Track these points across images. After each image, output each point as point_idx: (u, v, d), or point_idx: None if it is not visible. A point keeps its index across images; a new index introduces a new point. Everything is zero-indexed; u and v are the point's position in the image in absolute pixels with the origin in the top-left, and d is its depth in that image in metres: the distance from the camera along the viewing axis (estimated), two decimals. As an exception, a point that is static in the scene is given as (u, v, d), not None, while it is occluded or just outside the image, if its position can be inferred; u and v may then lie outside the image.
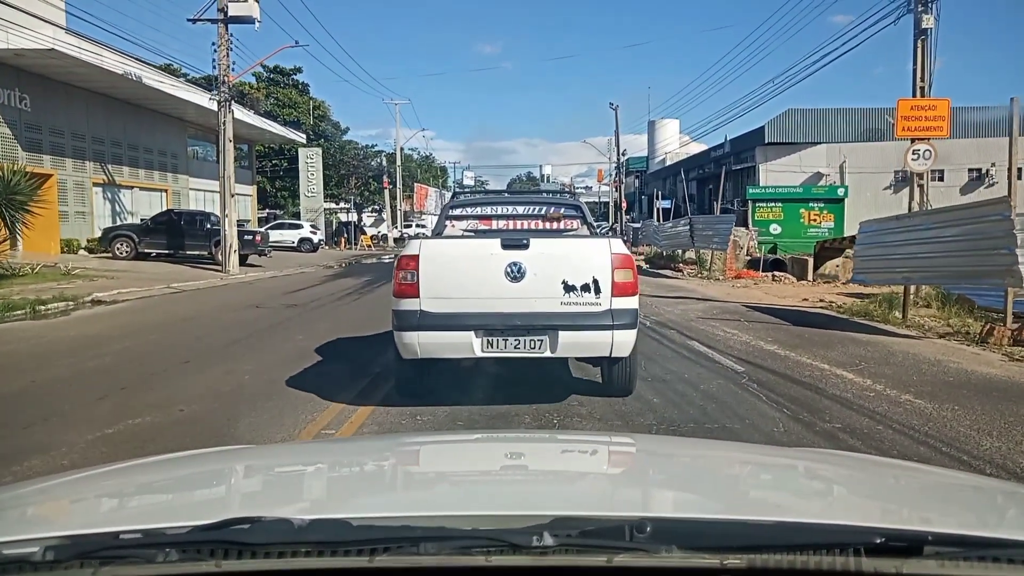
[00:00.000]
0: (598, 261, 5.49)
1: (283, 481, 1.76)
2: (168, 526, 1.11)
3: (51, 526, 1.27)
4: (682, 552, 1.03)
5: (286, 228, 38.18)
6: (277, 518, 1.09)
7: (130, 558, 1.04)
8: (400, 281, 5.52)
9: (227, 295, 15.99)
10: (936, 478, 2.09)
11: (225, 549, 1.03)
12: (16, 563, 1.02)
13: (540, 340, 5.46)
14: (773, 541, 1.07)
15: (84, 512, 1.46)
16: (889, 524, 1.27)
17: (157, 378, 7.04)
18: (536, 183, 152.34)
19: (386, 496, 1.55)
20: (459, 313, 5.46)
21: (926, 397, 6.23)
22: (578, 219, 7.24)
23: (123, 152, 27.74)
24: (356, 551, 1.04)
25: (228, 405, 5.99)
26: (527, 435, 3.56)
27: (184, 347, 8.96)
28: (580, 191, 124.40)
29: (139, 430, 5.20)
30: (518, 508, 1.30)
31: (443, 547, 1.04)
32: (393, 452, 2.10)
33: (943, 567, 1.03)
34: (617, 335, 5.49)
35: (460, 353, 5.66)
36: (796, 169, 43.12)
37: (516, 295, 5.43)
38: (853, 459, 2.71)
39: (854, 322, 11.43)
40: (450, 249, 5.84)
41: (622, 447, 2.38)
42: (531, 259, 5.45)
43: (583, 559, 1.04)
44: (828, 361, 7.94)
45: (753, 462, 2.05)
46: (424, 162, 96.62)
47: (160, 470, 1.83)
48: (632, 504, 1.54)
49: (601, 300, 5.45)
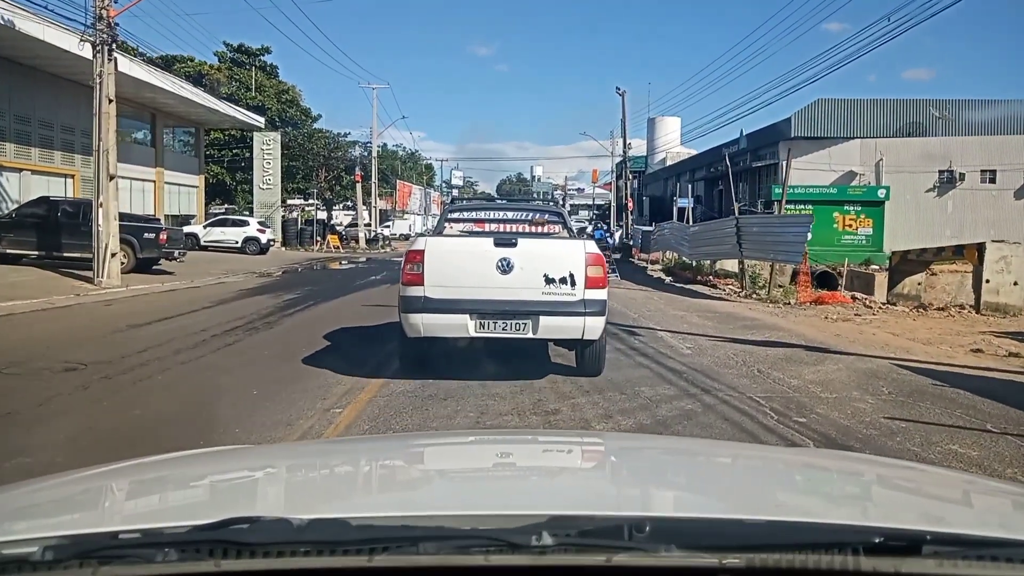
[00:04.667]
0: (574, 259, 6.59)
1: (282, 481, 1.75)
2: (167, 526, 1.13)
3: (50, 526, 1.28)
4: (681, 551, 1.03)
5: (229, 225, 32.04)
6: (276, 518, 1.09)
7: (129, 558, 1.03)
8: (408, 271, 6.59)
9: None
10: (935, 478, 2.11)
11: (224, 549, 1.02)
12: (15, 563, 1.02)
13: (524, 323, 6.54)
14: (772, 540, 1.07)
15: (83, 512, 1.46)
16: (888, 523, 1.23)
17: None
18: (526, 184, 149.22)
19: (385, 496, 1.58)
20: (457, 299, 6.49)
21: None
22: (559, 224, 8.19)
23: (6, 125, 22.06)
24: (355, 551, 1.04)
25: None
26: (526, 435, 3.76)
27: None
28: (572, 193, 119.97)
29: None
30: (517, 507, 1.30)
31: (442, 547, 1.04)
32: (392, 452, 2.11)
33: (942, 567, 1.03)
34: (588, 320, 6.62)
35: (457, 333, 6.68)
36: (825, 167, 37.79)
37: (505, 285, 6.50)
38: (852, 458, 2.86)
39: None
40: (451, 245, 7.09)
41: (621, 446, 2.39)
42: (518, 255, 6.54)
43: (582, 558, 1.04)
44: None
45: (752, 462, 2.06)
46: (410, 159, 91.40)
47: (159, 470, 1.82)
48: (631, 503, 1.53)
49: (576, 291, 6.54)
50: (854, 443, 5.20)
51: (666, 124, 66.02)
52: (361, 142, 51.69)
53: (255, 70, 47.49)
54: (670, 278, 22.81)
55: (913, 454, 5.04)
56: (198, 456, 2.08)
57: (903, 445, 5.27)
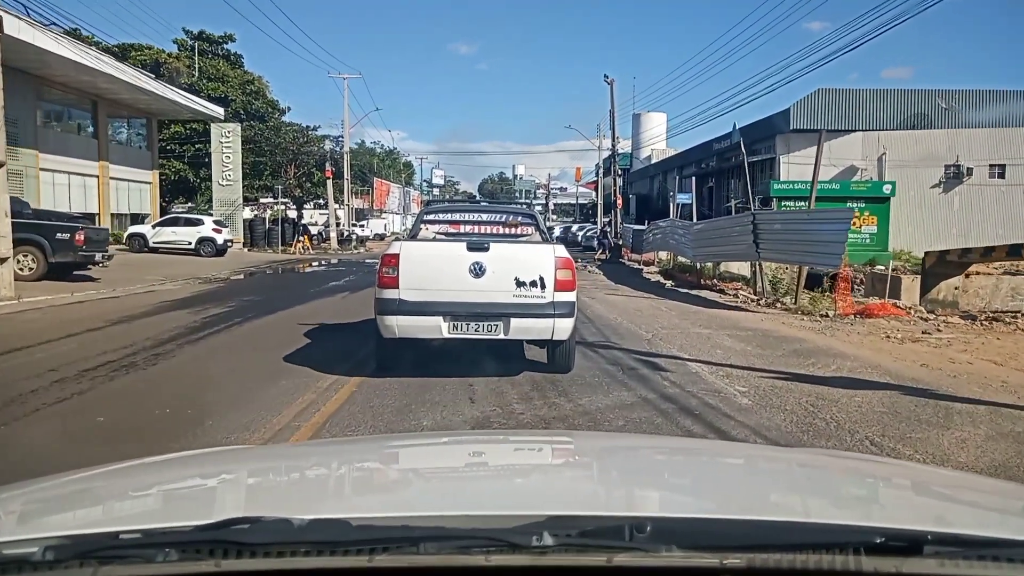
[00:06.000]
0: (544, 263, 6.80)
1: (282, 481, 1.76)
2: (168, 526, 1.13)
3: (51, 526, 1.28)
4: (682, 552, 1.03)
5: (181, 225, 28.95)
6: (277, 518, 1.09)
7: (130, 558, 1.03)
8: (383, 274, 6.75)
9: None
10: (936, 478, 2.13)
11: (224, 549, 1.02)
12: (16, 563, 1.02)
13: (496, 325, 6.70)
14: (773, 540, 1.06)
15: (84, 512, 1.46)
16: (889, 524, 1.23)
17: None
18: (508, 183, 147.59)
19: (385, 496, 1.57)
20: (431, 302, 6.69)
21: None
22: (532, 226, 8.33)
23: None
24: (356, 551, 1.04)
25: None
26: (526, 435, 3.82)
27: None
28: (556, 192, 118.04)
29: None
30: (518, 508, 1.29)
31: (443, 547, 1.04)
32: (392, 453, 2.11)
33: (943, 567, 1.03)
34: (558, 322, 6.79)
35: (431, 334, 6.86)
36: (825, 161, 35.61)
37: (477, 288, 6.68)
38: (853, 459, 2.88)
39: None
40: (425, 250, 7.26)
41: (622, 446, 2.37)
42: (490, 259, 6.73)
43: (583, 559, 1.04)
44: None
45: (753, 462, 2.05)
46: (388, 157, 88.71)
47: (160, 470, 1.82)
48: (632, 503, 1.52)
49: (546, 294, 6.73)
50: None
51: (651, 120, 64.05)
52: (332, 136, 48.82)
53: (218, 59, 44.63)
54: (670, 282, 20.54)
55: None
56: (198, 456, 2.11)
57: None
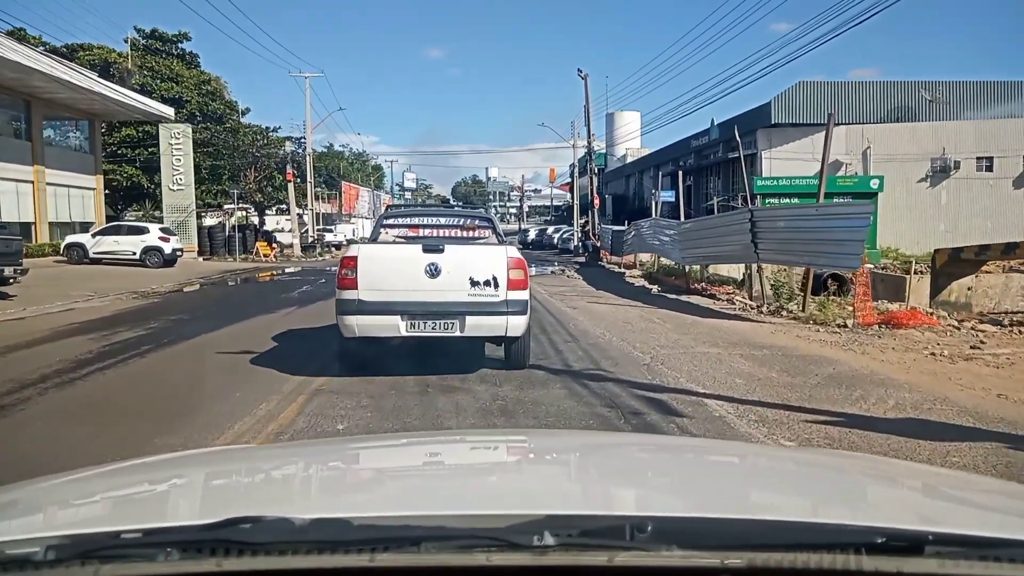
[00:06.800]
0: (497, 263, 7.04)
1: (284, 481, 1.74)
2: (169, 525, 1.15)
3: (52, 525, 1.29)
4: (683, 551, 1.02)
5: (124, 233, 26.29)
6: (278, 517, 1.08)
7: (131, 557, 1.03)
8: (343, 276, 6.97)
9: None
10: (937, 477, 2.11)
11: (226, 548, 1.02)
12: (17, 562, 1.02)
13: (452, 323, 6.94)
14: (774, 540, 1.06)
15: (85, 511, 1.45)
16: (890, 523, 1.21)
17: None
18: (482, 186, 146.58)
19: (386, 495, 1.56)
20: (389, 302, 6.90)
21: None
22: (489, 229, 8.48)
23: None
24: (357, 550, 1.03)
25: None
26: (527, 434, 3.65)
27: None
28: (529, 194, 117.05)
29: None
30: (518, 507, 1.27)
31: (443, 546, 1.03)
32: (393, 452, 2.11)
33: (944, 567, 1.02)
34: (511, 319, 7.03)
35: (389, 333, 7.08)
36: (808, 156, 34.52)
37: (433, 288, 6.89)
38: (854, 458, 2.83)
39: None
40: (382, 252, 7.45)
41: (623, 446, 2.37)
42: (445, 260, 6.95)
43: (583, 558, 1.03)
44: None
45: (754, 461, 2.04)
46: (357, 160, 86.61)
47: (161, 470, 1.81)
48: (632, 503, 1.52)
49: (499, 292, 6.95)
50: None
51: (624, 119, 62.91)
52: (295, 137, 46.38)
53: (172, 58, 42.32)
54: (656, 287, 18.84)
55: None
56: (199, 456, 2.14)
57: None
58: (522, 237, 57.85)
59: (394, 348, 8.04)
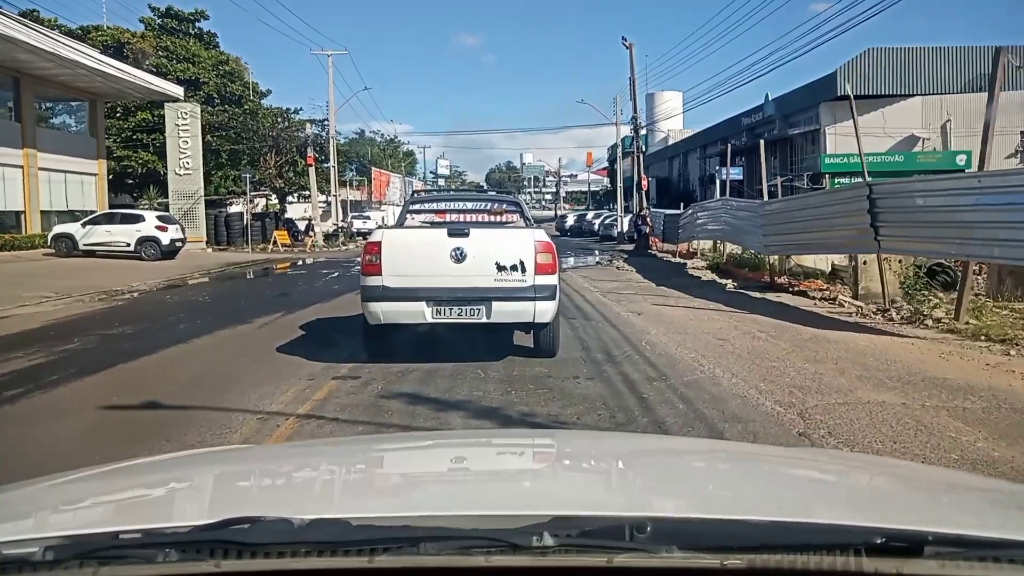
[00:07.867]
0: (524, 247, 6.87)
1: (283, 481, 1.73)
2: (168, 526, 1.13)
3: (51, 526, 1.27)
4: (682, 552, 1.03)
5: (118, 222, 23.47)
6: (277, 518, 1.08)
7: (130, 558, 1.03)
8: (367, 262, 6.88)
9: None
10: (937, 478, 2.09)
11: (225, 549, 1.02)
12: (16, 563, 1.01)
13: (478, 309, 6.82)
14: (773, 541, 1.06)
15: (84, 512, 1.45)
16: (889, 524, 1.21)
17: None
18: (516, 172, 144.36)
19: (386, 496, 1.56)
20: (414, 287, 6.79)
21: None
22: (517, 213, 8.36)
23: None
24: (356, 551, 1.03)
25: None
26: (527, 434, 3.70)
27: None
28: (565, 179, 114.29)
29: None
30: (518, 508, 1.28)
31: (443, 547, 1.03)
32: (392, 453, 2.10)
33: (944, 567, 1.02)
34: (539, 305, 6.87)
35: (414, 319, 6.96)
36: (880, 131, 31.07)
37: (459, 273, 6.77)
38: (853, 459, 2.85)
39: None
40: (406, 236, 7.38)
41: (622, 446, 2.35)
42: (471, 245, 6.82)
43: (583, 559, 1.04)
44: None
45: (753, 462, 2.02)
46: (389, 146, 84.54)
47: (160, 470, 1.80)
48: (632, 504, 1.51)
49: (526, 277, 6.82)
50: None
51: (665, 98, 59.73)
52: (317, 119, 43.86)
53: (189, 38, 40.24)
54: (730, 281, 15.65)
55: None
56: (198, 456, 2.12)
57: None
58: (559, 223, 55.18)
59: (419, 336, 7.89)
